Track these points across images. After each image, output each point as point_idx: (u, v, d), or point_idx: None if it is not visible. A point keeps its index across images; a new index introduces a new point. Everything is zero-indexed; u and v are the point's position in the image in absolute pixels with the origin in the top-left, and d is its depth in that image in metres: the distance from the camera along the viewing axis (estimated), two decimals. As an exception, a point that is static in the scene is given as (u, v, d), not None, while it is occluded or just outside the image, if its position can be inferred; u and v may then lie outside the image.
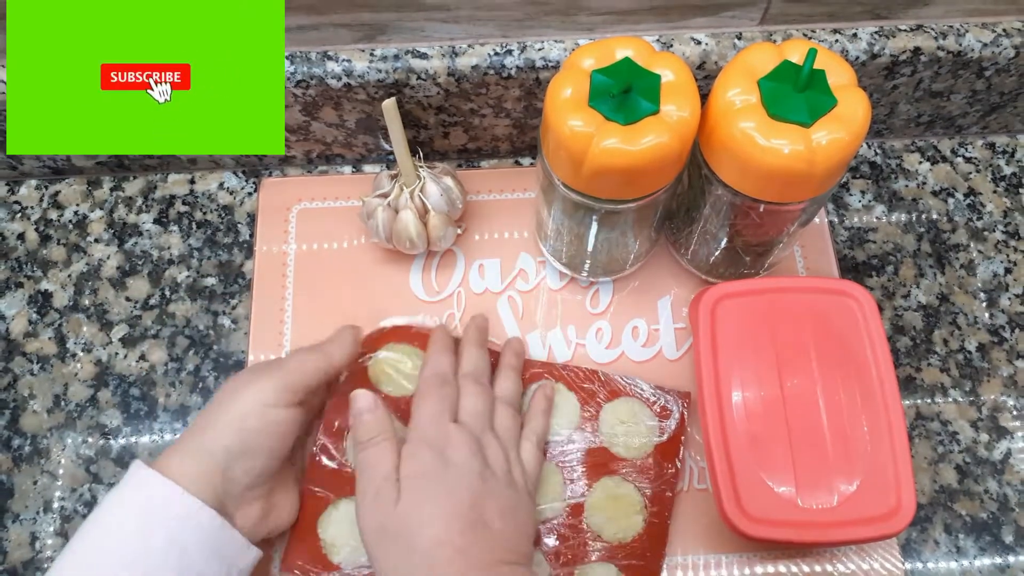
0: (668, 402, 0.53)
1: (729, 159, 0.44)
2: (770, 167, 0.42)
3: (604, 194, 0.45)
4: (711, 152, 0.45)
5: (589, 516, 0.51)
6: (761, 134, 0.41)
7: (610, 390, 0.54)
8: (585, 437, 0.52)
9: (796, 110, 0.41)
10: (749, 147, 0.42)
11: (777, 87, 0.42)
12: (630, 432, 0.52)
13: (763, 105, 0.42)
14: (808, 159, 0.41)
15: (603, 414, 0.53)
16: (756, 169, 0.43)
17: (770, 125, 0.41)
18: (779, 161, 0.41)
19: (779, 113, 0.41)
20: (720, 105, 0.43)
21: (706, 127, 0.44)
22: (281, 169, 0.63)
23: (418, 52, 0.53)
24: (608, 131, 0.41)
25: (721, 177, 0.45)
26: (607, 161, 0.41)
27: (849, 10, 0.53)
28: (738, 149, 0.42)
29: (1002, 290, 0.60)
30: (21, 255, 0.60)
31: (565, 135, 0.42)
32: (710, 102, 0.44)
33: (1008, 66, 0.55)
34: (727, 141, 0.43)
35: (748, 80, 0.43)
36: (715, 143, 0.44)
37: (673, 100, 0.42)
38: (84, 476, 0.54)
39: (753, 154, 0.42)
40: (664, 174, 0.44)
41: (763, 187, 0.44)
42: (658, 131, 0.41)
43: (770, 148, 0.41)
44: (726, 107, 0.43)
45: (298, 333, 0.57)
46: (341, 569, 0.48)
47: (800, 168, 0.41)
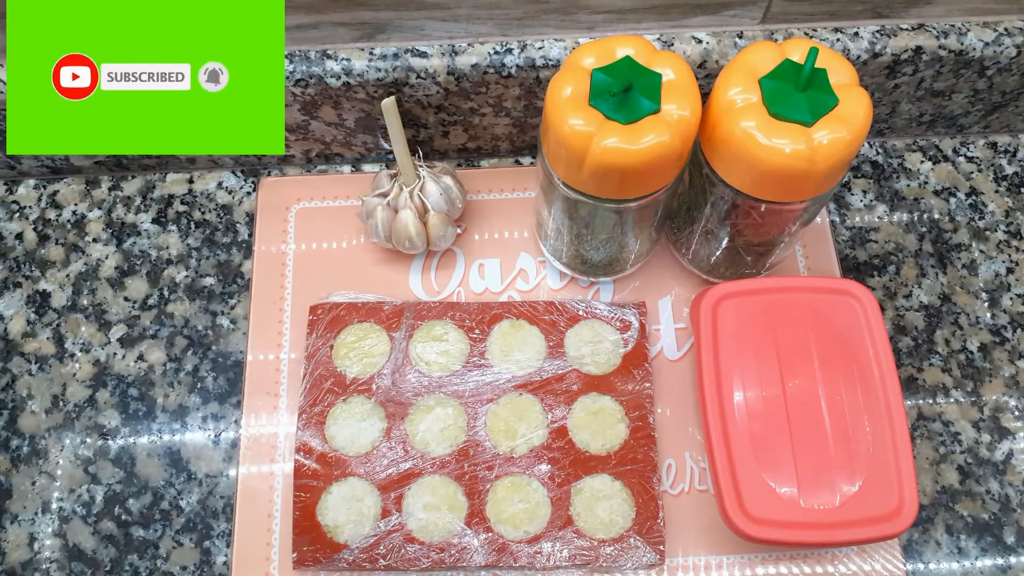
0: (626, 315, 0.56)
1: (730, 158, 0.44)
2: (771, 166, 0.42)
3: (604, 193, 0.45)
4: (712, 151, 0.45)
5: (574, 435, 0.53)
6: (762, 133, 0.41)
7: (569, 316, 0.56)
8: (555, 364, 0.55)
9: (797, 109, 0.41)
10: (750, 146, 0.41)
11: (778, 86, 0.42)
12: (596, 351, 0.55)
13: (764, 104, 0.42)
14: (809, 158, 0.41)
15: (567, 340, 0.56)
16: (757, 168, 0.42)
17: (771, 124, 0.41)
18: (780, 160, 0.41)
19: (780, 112, 0.41)
20: (721, 104, 0.43)
21: (707, 126, 0.44)
22: (280, 168, 0.63)
23: (418, 51, 0.52)
24: (609, 130, 0.41)
25: (722, 176, 0.45)
26: (608, 160, 0.41)
27: (850, 9, 0.53)
28: (739, 148, 0.42)
29: (1004, 290, 0.60)
30: (19, 255, 0.60)
31: (565, 134, 0.42)
32: (711, 101, 0.44)
33: (1010, 65, 0.55)
34: (728, 140, 0.42)
35: (749, 79, 0.43)
36: (716, 142, 0.44)
37: (674, 99, 0.42)
38: (83, 477, 0.54)
39: (754, 153, 0.41)
40: (665, 173, 0.44)
41: (764, 186, 0.44)
42: (659, 130, 0.41)
43: (771, 147, 0.41)
44: (727, 106, 0.43)
45: (297, 333, 0.57)
46: (348, 546, 0.51)
47: (801, 167, 0.41)
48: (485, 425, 0.53)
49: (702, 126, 0.44)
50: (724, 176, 0.45)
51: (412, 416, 0.54)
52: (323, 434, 0.53)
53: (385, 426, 0.53)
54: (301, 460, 0.53)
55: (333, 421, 0.54)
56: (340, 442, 0.53)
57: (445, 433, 0.53)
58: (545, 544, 0.51)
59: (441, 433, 0.53)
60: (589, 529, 0.51)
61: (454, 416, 0.54)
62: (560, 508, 0.52)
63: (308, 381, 0.55)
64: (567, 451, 0.53)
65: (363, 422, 0.54)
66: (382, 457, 0.53)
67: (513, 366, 0.55)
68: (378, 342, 0.55)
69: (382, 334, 0.56)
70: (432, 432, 0.53)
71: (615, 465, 0.53)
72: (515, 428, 0.53)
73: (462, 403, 0.54)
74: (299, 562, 0.51)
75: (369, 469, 0.52)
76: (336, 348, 0.55)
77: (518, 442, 0.53)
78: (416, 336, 0.56)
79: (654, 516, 0.51)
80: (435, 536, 0.51)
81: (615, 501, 0.52)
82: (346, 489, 0.52)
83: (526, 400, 0.54)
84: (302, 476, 0.52)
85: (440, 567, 0.51)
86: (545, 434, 0.53)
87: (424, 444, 0.53)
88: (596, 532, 0.51)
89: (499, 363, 0.55)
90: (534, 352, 0.55)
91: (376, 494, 0.52)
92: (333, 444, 0.53)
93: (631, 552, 0.50)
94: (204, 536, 0.53)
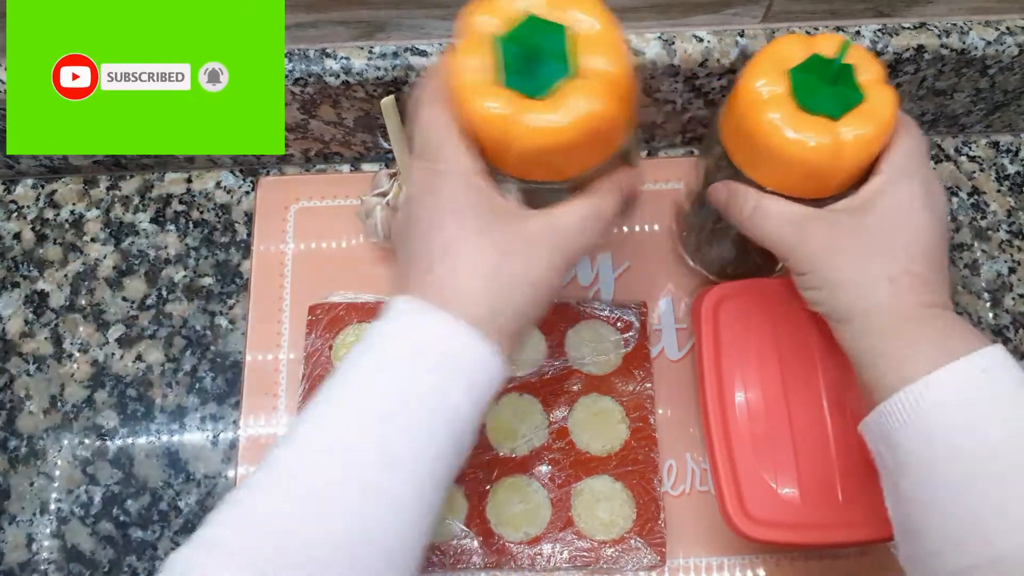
0: (627, 315, 0.56)
1: (753, 152, 0.42)
2: (797, 160, 0.40)
3: (545, 176, 0.39)
4: (736, 146, 0.44)
5: (575, 436, 0.53)
6: (789, 125, 0.40)
7: (570, 317, 0.56)
8: (555, 365, 0.55)
9: (825, 102, 0.40)
10: (776, 138, 0.40)
11: (807, 78, 0.41)
12: (597, 351, 0.55)
13: (792, 95, 0.41)
14: (835, 152, 0.40)
15: (568, 340, 0.56)
16: (782, 161, 0.41)
17: (798, 116, 0.40)
18: (806, 154, 0.40)
19: (809, 104, 0.40)
20: (747, 96, 0.42)
21: (731, 120, 0.43)
22: (279, 168, 0.63)
23: (417, 50, 0.52)
24: (524, 108, 0.35)
25: (745, 172, 0.44)
26: (533, 143, 0.36)
27: (852, 8, 0.52)
28: (764, 140, 0.41)
29: (1006, 290, 0.59)
30: (17, 255, 0.60)
31: (478, 122, 0.36)
32: (736, 94, 0.43)
33: (1012, 64, 0.55)
34: (753, 132, 0.41)
35: (776, 71, 0.42)
36: (740, 136, 0.43)
37: (597, 53, 0.36)
38: (81, 477, 0.53)
39: (780, 146, 0.40)
40: (608, 143, 0.39)
41: (788, 181, 0.43)
42: (582, 97, 0.35)
43: (797, 140, 0.40)
44: (753, 98, 0.41)
45: (296, 333, 0.56)
46: None
47: (826, 162, 0.40)
48: (485, 426, 0.53)
49: (724, 120, 0.44)
50: (747, 171, 0.44)
51: None
52: None
53: None
54: None
55: None
56: None
57: None
58: (545, 545, 0.51)
59: None
60: (590, 530, 0.51)
61: None
62: (560, 509, 0.51)
63: (307, 381, 0.54)
64: (568, 452, 0.53)
65: None
66: None
67: (513, 366, 0.54)
68: None
69: None
70: None
71: (616, 466, 0.52)
72: (515, 429, 0.53)
73: None
74: None
75: None
76: (335, 348, 0.55)
77: (519, 443, 0.53)
78: None
79: (655, 517, 0.51)
80: (435, 538, 0.51)
81: (616, 502, 0.51)
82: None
83: (526, 401, 0.54)
84: None
85: (440, 569, 0.50)
86: (546, 435, 0.53)
87: None
88: (597, 533, 0.51)
89: None
90: (534, 352, 0.55)
91: None
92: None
93: (632, 553, 0.50)
94: (203, 537, 0.52)
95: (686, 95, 0.56)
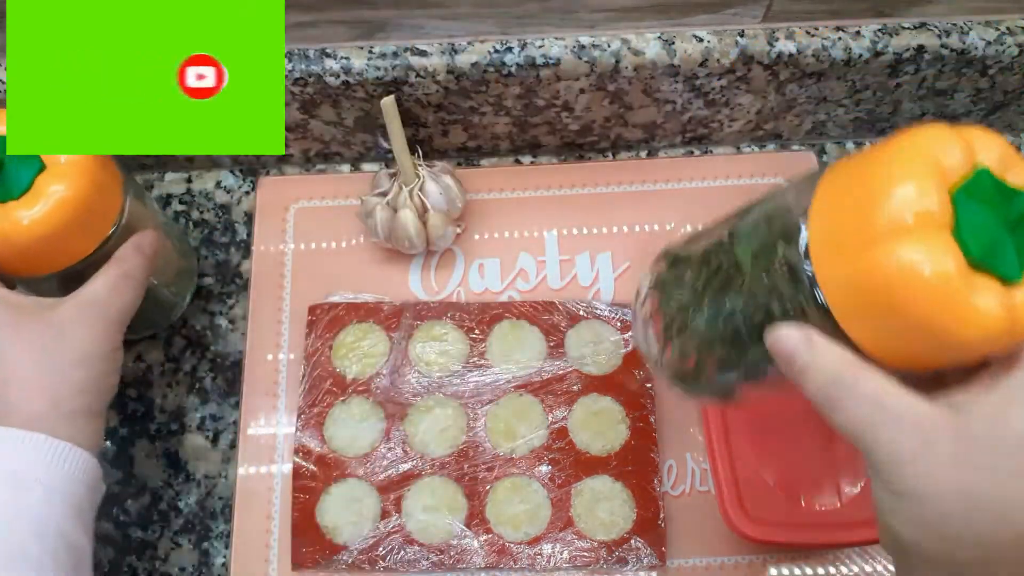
0: (627, 315, 0.56)
1: (872, 303, 0.27)
2: (954, 337, 0.26)
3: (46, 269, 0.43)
4: (842, 283, 0.28)
5: (575, 436, 0.53)
6: (960, 285, 0.25)
7: (570, 316, 0.56)
8: (555, 365, 0.55)
9: (1003, 254, 0.26)
10: (937, 304, 0.25)
11: (978, 212, 0.26)
12: (597, 350, 0.55)
13: (959, 238, 0.26)
14: (1009, 332, 0.26)
15: (568, 340, 0.55)
16: (924, 332, 0.26)
17: (967, 275, 0.26)
18: (969, 332, 0.26)
19: (980, 254, 0.26)
20: (884, 213, 0.26)
21: (843, 246, 0.27)
22: (279, 168, 0.63)
23: (417, 49, 0.52)
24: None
25: (843, 324, 0.28)
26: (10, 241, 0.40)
27: (852, 7, 0.52)
28: (910, 296, 0.26)
29: (1006, 290, 0.59)
30: (17, 255, 0.60)
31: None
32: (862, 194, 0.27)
33: (1012, 64, 0.55)
34: (877, 280, 0.26)
35: (929, 178, 0.26)
36: (858, 272, 0.27)
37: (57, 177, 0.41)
38: (80, 478, 0.53)
39: (936, 315, 0.25)
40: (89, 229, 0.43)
41: (910, 354, 0.28)
42: (55, 185, 0.41)
43: (969, 310, 0.25)
44: (891, 221, 0.26)
45: (296, 333, 0.56)
46: (348, 548, 0.51)
47: (989, 346, 0.27)
48: (485, 426, 0.53)
49: (823, 235, 0.28)
50: (847, 325, 0.28)
51: (411, 417, 0.54)
52: (322, 435, 0.53)
53: (384, 427, 0.53)
54: (300, 461, 0.52)
55: (332, 422, 0.53)
56: (339, 443, 0.53)
57: (445, 434, 0.53)
58: (545, 546, 0.51)
59: (441, 434, 0.53)
60: (590, 530, 0.51)
61: (454, 417, 0.54)
62: (560, 509, 0.51)
63: (307, 381, 0.54)
64: (567, 452, 0.53)
65: (362, 423, 0.53)
66: (381, 458, 0.53)
67: (513, 366, 0.55)
68: (377, 342, 0.55)
69: (381, 334, 0.56)
70: (432, 433, 0.53)
71: (616, 466, 0.52)
72: (515, 429, 0.53)
73: (462, 404, 0.54)
74: (298, 563, 0.50)
75: (368, 470, 0.52)
76: (335, 348, 0.55)
77: (518, 443, 0.53)
78: (415, 336, 0.55)
79: (655, 517, 0.51)
80: (435, 538, 0.51)
81: (616, 502, 0.51)
82: (345, 490, 0.52)
83: (526, 401, 0.54)
84: (301, 477, 0.52)
85: (440, 569, 0.50)
86: (545, 435, 0.53)
87: (424, 445, 0.53)
88: (597, 533, 0.51)
89: (499, 363, 0.55)
90: (534, 352, 0.55)
91: (375, 495, 0.52)
92: (332, 445, 0.53)
93: (632, 553, 0.50)
94: (203, 537, 0.52)
95: (686, 95, 0.56)
